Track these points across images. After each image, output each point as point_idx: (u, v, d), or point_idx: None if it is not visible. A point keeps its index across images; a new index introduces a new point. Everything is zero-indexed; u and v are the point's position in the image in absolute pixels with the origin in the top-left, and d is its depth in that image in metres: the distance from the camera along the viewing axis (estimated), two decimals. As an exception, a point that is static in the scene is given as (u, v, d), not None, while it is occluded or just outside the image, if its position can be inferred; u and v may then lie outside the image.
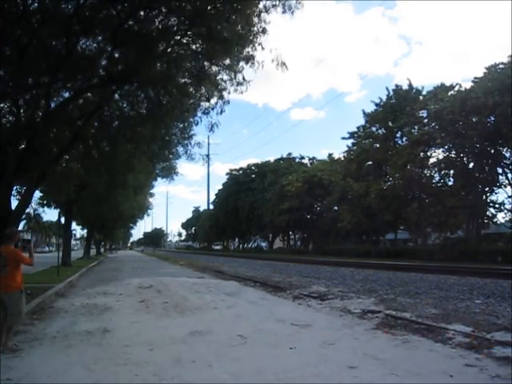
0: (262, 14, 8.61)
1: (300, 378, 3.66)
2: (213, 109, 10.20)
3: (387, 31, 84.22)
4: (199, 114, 10.57)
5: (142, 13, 8.65)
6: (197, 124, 11.04)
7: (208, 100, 10.17)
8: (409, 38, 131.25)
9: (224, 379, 3.66)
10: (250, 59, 9.15)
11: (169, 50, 9.11)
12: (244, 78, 9.75)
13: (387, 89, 32.00)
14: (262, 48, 8.97)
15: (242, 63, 9.35)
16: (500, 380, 3.50)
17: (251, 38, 8.70)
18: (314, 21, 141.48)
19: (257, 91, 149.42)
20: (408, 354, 4.38)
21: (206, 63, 9.35)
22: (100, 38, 9.22)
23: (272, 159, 57.42)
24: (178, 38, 9.07)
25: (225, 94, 10.05)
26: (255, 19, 8.60)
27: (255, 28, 8.67)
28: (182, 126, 11.21)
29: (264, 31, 8.78)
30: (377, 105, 32.53)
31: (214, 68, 9.64)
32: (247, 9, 8.18)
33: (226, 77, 9.80)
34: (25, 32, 8.16)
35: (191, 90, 9.77)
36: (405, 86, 31.15)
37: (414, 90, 30.88)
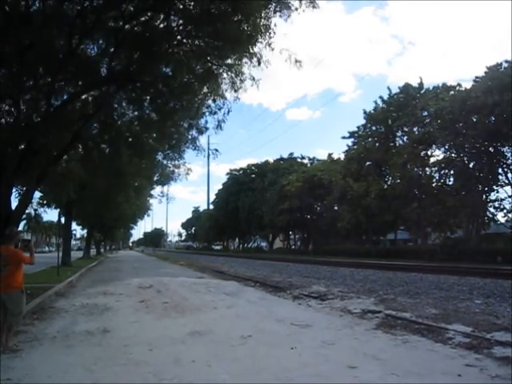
0: (269, 14, 8.55)
1: (300, 377, 3.66)
2: (220, 109, 10.24)
3: (379, 31, 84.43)
4: (206, 113, 10.64)
5: (145, 14, 8.64)
6: (206, 123, 11.13)
7: (214, 101, 10.19)
8: (401, 38, 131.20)
9: (224, 379, 3.66)
10: (256, 57, 9.07)
11: (172, 50, 9.07)
12: (254, 78, 9.69)
13: (388, 88, 32.41)
14: (271, 48, 8.87)
15: (247, 61, 9.28)
16: (500, 380, 3.50)
17: (258, 36, 8.59)
18: (307, 20, 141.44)
19: (251, 91, 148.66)
20: (408, 354, 4.38)
21: (211, 63, 9.31)
22: (102, 39, 9.20)
23: (270, 159, 57.73)
24: (181, 38, 9.03)
25: (228, 94, 10.08)
26: (262, 20, 8.54)
27: (261, 27, 8.61)
28: (191, 122, 11.19)
29: (267, 29, 8.65)
30: (383, 101, 32.46)
31: (220, 68, 9.62)
32: (254, 10, 8.10)
33: (231, 76, 9.78)
34: (27, 33, 8.16)
35: (196, 89, 9.75)
36: (414, 84, 31.15)
37: (424, 89, 30.82)
